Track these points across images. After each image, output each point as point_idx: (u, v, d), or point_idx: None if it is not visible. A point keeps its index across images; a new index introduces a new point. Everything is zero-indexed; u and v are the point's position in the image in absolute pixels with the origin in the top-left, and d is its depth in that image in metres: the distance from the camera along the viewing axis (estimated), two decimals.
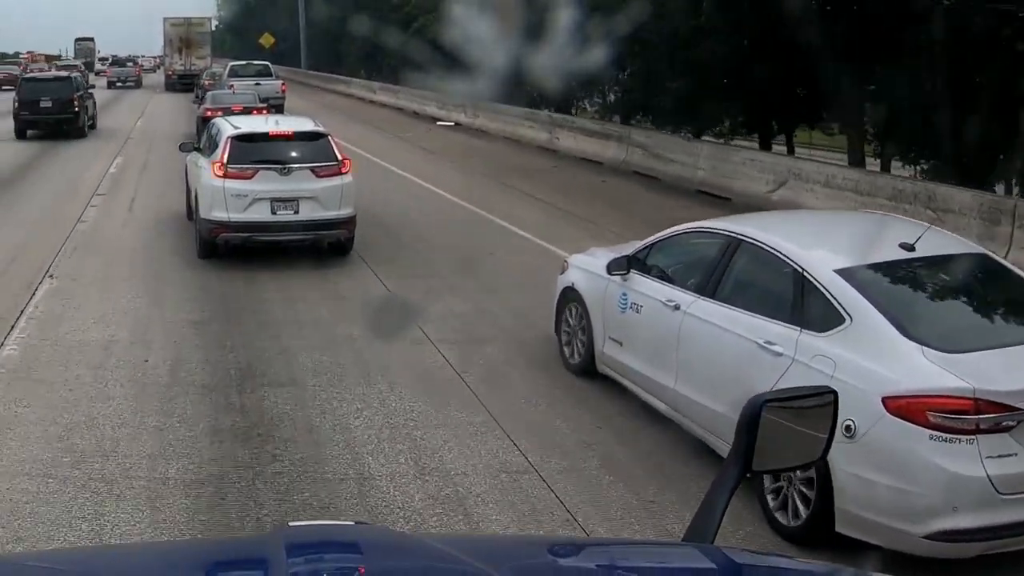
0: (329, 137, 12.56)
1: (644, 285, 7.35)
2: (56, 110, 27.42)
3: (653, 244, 7.65)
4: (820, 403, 2.57)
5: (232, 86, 32.98)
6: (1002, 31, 14.66)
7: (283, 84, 39.98)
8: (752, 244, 6.60)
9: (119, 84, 59.14)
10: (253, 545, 2.46)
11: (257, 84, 35.55)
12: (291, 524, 2.38)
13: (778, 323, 6.03)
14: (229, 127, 12.51)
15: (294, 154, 12.09)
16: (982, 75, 15.74)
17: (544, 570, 2.24)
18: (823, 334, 5.75)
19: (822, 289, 5.90)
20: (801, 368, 5.65)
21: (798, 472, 5.41)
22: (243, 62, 43.51)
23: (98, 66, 65.14)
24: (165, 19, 60.90)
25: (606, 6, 20.99)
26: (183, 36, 59.33)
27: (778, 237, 6.51)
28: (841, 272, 5.94)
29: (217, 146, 12.26)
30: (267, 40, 60.65)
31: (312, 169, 11.90)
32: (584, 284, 8.20)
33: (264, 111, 25.04)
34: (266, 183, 11.73)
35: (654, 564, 2.40)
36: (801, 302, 6.04)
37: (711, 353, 6.50)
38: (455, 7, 21.60)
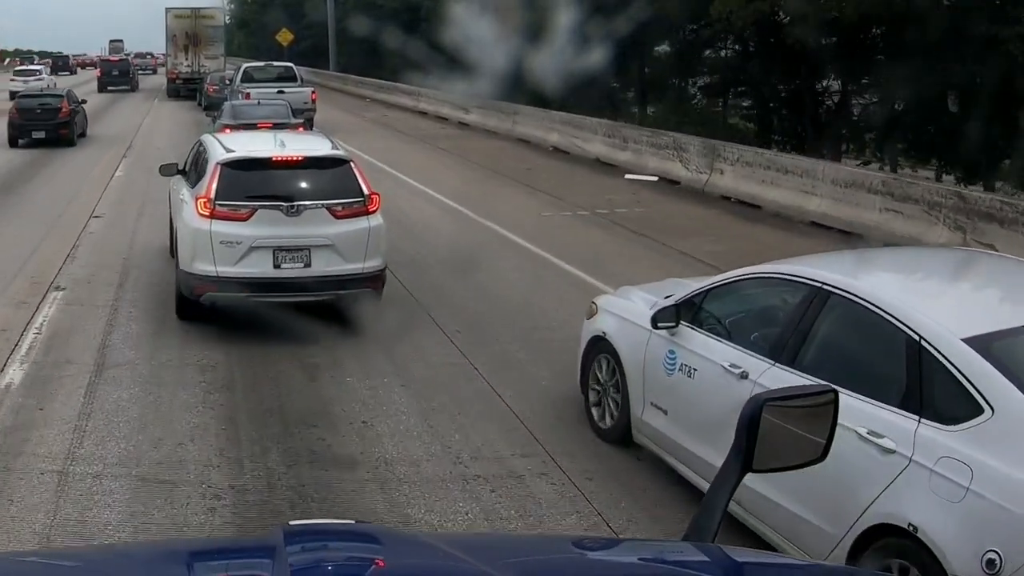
0: (352, 163, 9.60)
1: (699, 343, 5.96)
2: (120, 77, 54.44)
3: (710, 289, 6.18)
4: (821, 402, 2.54)
5: (247, 94, 26.96)
6: None
7: (313, 92, 30.58)
8: (845, 298, 5.16)
9: (140, 72, 68.44)
10: (254, 544, 2.42)
11: (280, 92, 27.83)
12: (291, 523, 2.26)
13: (887, 408, 4.69)
14: (219, 149, 9.69)
15: (305, 186, 9.35)
16: None
17: (544, 570, 2.20)
18: (953, 428, 4.43)
19: (949, 366, 4.55)
20: (922, 473, 4.39)
21: None
22: (260, 63, 35.75)
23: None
24: (168, 10, 50.64)
25: None
26: (189, 31, 49.02)
27: (880, 289, 5.15)
28: (973, 342, 4.57)
29: (204, 174, 9.53)
30: (285, 37, 52.29)
31: (329, 208, 9.16)
32: (619, 334, 6.78)
33: (300, 130, 20.41)
34: (267, 226, 9.06)
35: (655, 563, 2.37)
36: (919, 381, 4.67)
37: None
38: None
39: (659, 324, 6.22)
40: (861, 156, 24.48)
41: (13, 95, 35.29)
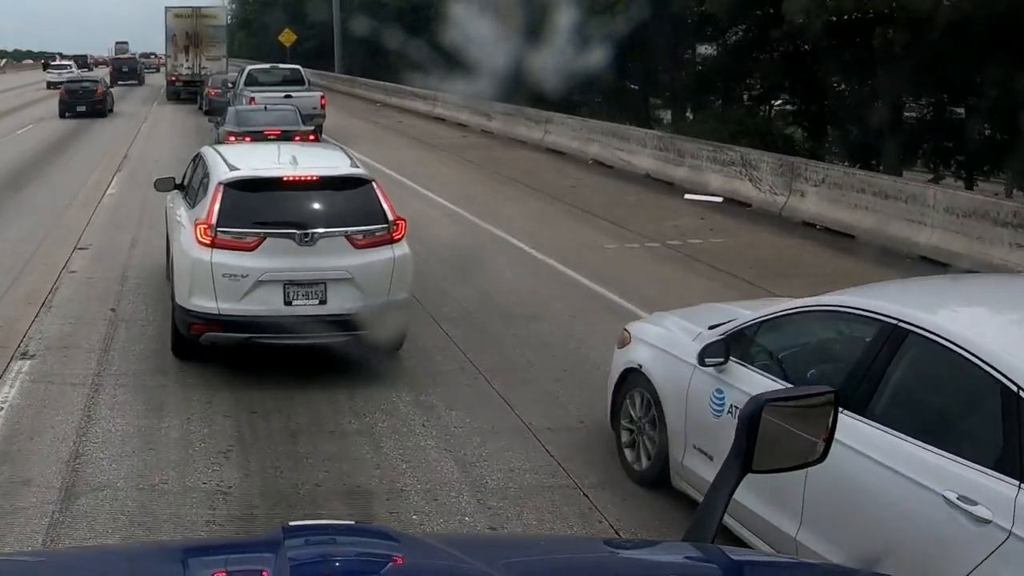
0: (374, 183, 8.31)
1: (752, 382, 5.18)
2: (129, 73, 63.15)
3: (763, 322, 5.45)
4: (821, 403, 2.55)
5: (252, 98, 25.05)
6: None
7: (322, 96, 28.50)
8: (926, 337, 4.45)
9: (145, 70, 74.02)
10: (253, 545, 2.39)
11: (287, 96, 25.84)
12: (291, 523, 2.18)
13: (981, 469, 4.01)
14: (221, 166, 8.44)
15: (321, 211, 8.15)
16: None
17: (544, 570, 2.19)
18: None
19: None
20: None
21: None
22: (265, 66, 33.59)
23: None
24: (167, 9, 48.22)
25: None
26: (190, 31, 46.54)
27: (969, 328, 4.42)
28: None
29: (204, 194, 8.34)
30: (287, 37, 50.25)
31: (349, 236, 7.91)
32: (656, 367, 6.06)
33: (312, 138, 19.44)
34: (277, 257, 7.84)
35: (655, 563, 2.37)
36: (1018, 438, 3.97)
37: (861, 499, 4.40)
38: None
39: (707, 361, 5.53)
40: (913, 167, 22.28)
41: (49, 84, 55.74)
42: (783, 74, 21.99)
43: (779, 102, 26.48)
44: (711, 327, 5.85)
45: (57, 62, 78.42)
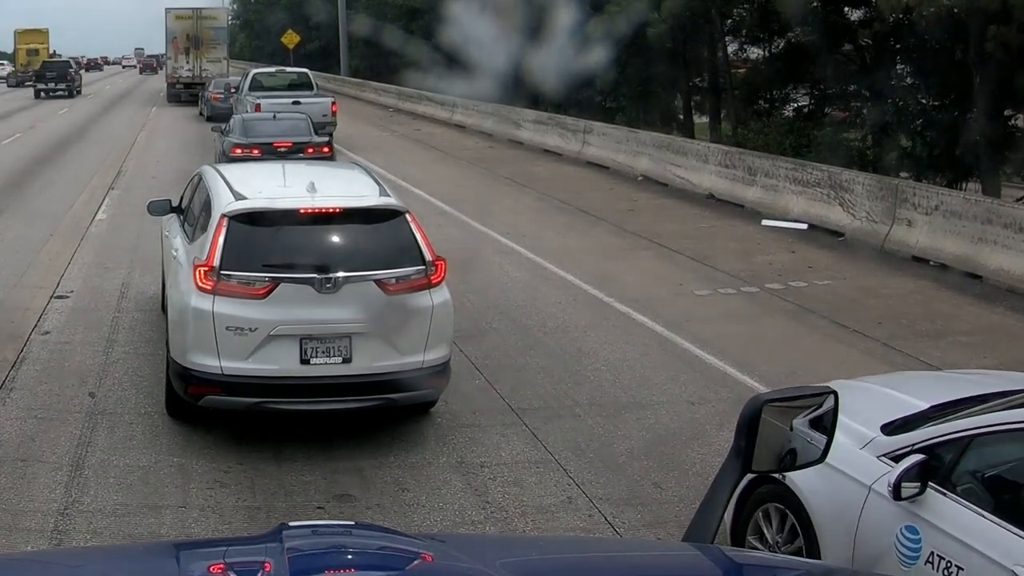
0: (408, 215, 7.13)
1: (960, 521, 4.10)
2: (149, 69, 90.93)
3: (972, 437, 4.25)
4: (820, 404, 2.50)
5: (258, 105, 23.27)
6: None
7: (334, 103, 26.13)
8: None
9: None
10: (252, 545, 2.34)
11: (295, 102, 23.92)
12: (290, 524, 2.16)
13: None
14: (225, 193, 7.26)
15: (345, 249, 7.14)
16: None
17: (544, 570, 2.18)
18: None
19: None
20: None
21: None
22: (271, 69, 31.89)
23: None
24: (168, 11, 46.97)
25: None
26: (191, 32, 45.26)
27: None
28: None
29: (205, 228, 7.23)
30: (291, 39, 49.02)
31: (379, 280, 6.82)
32: (808, 481, 4.66)
33: (326, 151, 17.90)
34: (292, 306, 6.76)
35: (654, 564, 2.33)
36: None
37: None
38: None
39: (901, 492, 4.20)
40: (1011, 183, 20.06)
41: (123, 67, 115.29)
42: (852, 78, 19.73)
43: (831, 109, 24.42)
44: (884, 427, 4.58)
45: (126, 56, 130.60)
